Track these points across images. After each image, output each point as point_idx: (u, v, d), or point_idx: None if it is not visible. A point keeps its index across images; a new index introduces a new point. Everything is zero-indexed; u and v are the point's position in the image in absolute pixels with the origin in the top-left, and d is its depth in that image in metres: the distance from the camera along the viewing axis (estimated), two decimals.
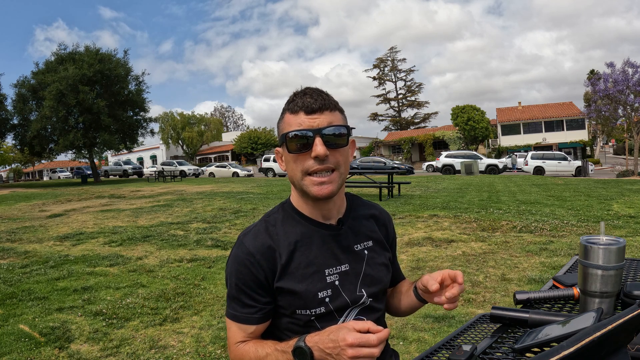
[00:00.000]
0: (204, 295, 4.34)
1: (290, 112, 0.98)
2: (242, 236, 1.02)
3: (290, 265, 0.98)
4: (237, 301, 1.00)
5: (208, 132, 54.95)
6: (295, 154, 0.96)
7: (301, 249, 0.99)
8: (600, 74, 24.03)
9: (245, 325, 0.99)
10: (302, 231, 1.01)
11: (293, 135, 0.95)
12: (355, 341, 0.78)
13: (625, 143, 32.58)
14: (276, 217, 1.05)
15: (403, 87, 62.36)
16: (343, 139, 0.97)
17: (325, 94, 0.99)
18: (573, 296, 1.24)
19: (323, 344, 0.83)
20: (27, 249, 6.93)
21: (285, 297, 0.98)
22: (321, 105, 0.95)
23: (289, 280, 0.97)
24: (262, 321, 1.00)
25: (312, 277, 0.98)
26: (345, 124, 1.00)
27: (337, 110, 0.99)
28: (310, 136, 0.93)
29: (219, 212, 10.43)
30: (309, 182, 0.96)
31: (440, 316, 3.56)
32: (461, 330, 1.18)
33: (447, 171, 26.69)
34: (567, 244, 5.80)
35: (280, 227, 1.02)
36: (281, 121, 1.01)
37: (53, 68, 28.56)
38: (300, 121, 0.95)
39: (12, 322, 3.73)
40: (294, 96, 0.99)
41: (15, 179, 56.07)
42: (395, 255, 1.21)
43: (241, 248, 1.00)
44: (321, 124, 0.94)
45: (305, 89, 1.00)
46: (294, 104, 0.97)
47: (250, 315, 0.99)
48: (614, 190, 12.22)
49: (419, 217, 8.49)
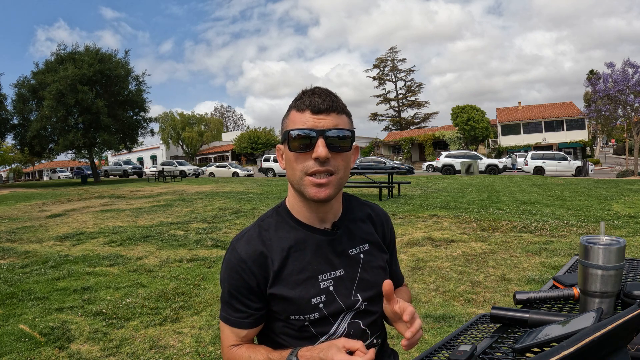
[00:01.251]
0: (204, 295, 4.34)
1: (296, 110, 0.96)
2: (235, 241, 1.02)
3: (283, 272, 0.97)
4: (229, 306, 1.00)
5: (208, 132, 54.96)
6: (297, 153, 0.94)
7: (294, 254, 0.98)
8: (600, 74, 24.03)
9: (237, 329, 0.99)
10: (296, 236, 1.00)
11: (296, 134, 0.93)
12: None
13: (625, 143, 32.59)
14: (270, 221, 1.03)
15: (403, 87, 62.40)
16: (346, 143, 0.95)
17: (334, 96, 0.97)
18: (573, 296, 1.24)
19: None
20: (27, 249, 6.93)
21: (279, 303, 0.97)
22: (329, 106, 0.94)
23: (282, 287, 0.96)
24: (254, 326, 1.00)
25: (305, 283, 0.97)
26: (351, 128, 0.98)
27: (344, 113, 0.97)
28: (313, 136, 0.92)
29: (219, 212, 10.43)
30: (308, 183, 0.94)
31: (440, 316, 3.56)
32: (461, 330, 1.18)
33: (447, 171, 26.69)
34: (567, 244, 5.80)
35: (274, 232, 1.00)
36: (286, 118, 0.99)
37: (53, 68, 28.57)
38: (305, 120, 0.93)
39: (12, 322, 3.73)
40: (303, 94, 0.97)
41: (15, 179, 56.08)
42: (395, 257, 1.19)
43: (233, 254, 0.99)
44: (326, 125, 0.93)
45: (314, 88, 0.98)
46: (301, 101, 0.95)
47: (242, 320, 0.99)
48: (614, 190, 12.22)
49: (419, 217, 8.49)
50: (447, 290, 4.25)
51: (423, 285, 4.46)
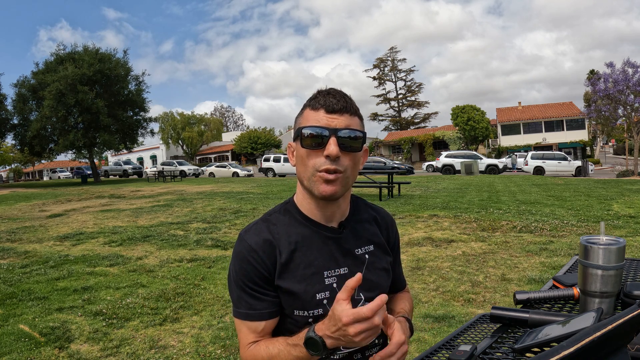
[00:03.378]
0: (204, 295, 4.34)
1: (311, 108, 0.98)
2: (243, 233, 1.02)
3: (290, 265, 0.98)
4: (243, 300, 0.99)
5: (208, 132, 54.97)
6: (309, 150, 0.96)
7: (301, 249, 0.99)
8: (600, 74, 24.03)
9: (255, 323, 0.98)
10: (303, 232, 1.01)
11: (309, 132, 0.95)
12: (349, 320, 0.78)
13: (625, 143, 32.58)
14: (278, 216, 1.05)
15: (403, 87, 62.40)
16: (357, 144, 0.97)
17: (349, 98, 0.99)
18: (573, 296, 1.24)
19: (329, 331, 0.83)
20: (27, 249, 6.93)
21: (284, 297, 0.98)
22: (343, 107, 0.96)
23: (288, 280, 0.97)
24: (273, 316, 0.99)
25: (311, 278, 0.98)
26: (362, 130, 1.00)
27: (356, 115, 0.99)
28: (326, 135, 0.94)
29: (219, 212, 10.43)
30: (318, 179, 0.95)
31: (440, 316, 3.57)
32: (461, 330, 1.18)
33: (447, 171, 26.69)
34: (567, 244, 5.80)
35: (282, 226, 1.02)
36: (300, 116, 1.01)
37: (53, 68, 28.56)
38: (319, 118, 0.95)
39: (12, 322, 3.73)
40: (318, 94, 0.99)
41: (15, 179, 56.08)
42: (398, 261, 1.20)
43: (243, 244, 0.99)
44: (339, 124, 0.95)
45: (329, 89, 1.00)
46: (316, 100, 0.98)
47: (258, 312, 0.98)
48: (614, 190, 12.22)
49: (419, 217, 8.49)
50: (447, 290, 4.25)
51: (423, 285, 4.46)
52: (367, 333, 0.80)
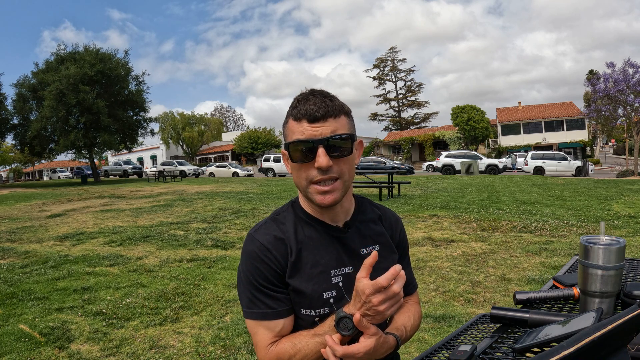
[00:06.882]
0: (204, 295, 4.34)
1: (293, 119, 0.95)
2: (253, 232, 1.02)
3: (299, 264, 0.98)
4: (257, 300, 0.97)
5: (208, 132, 54.97)
6: (299, 164, 0.95)
7: (308, 248, 1.00)
8: (600, 74, 24.02)
9: (273, 322, 0.97)
10: (310, 231, 1.01)
11: (296, 146, 0.93)
12: (371, 291, 0.83)
13: (625, 143, 32.59)
14: (285, 215, 1.05)
15: (403, 87, 62.39)
16: (348, 145, 0.95)
17: (330, 99, 0.96)
18: (573, 296, 1.24)
19: (356, 308, 0.86)
20: (27, 249, 6.93)
21: (292, 296, 0.98)
22: (324, 112, 0.93)
23: (297, 279, 0.97)
24: (290, 313, 0.98)
25: (318, 277, 0.98)
26: (350, 129, 0.97)
27: (342, 114, 0.96)
28: (313, 147, 0.92)
29: (219, 212, 10.43)
30: (313, 191, 0.95)
31: (440, 316, 3.56)
32: (461, 330, 1.18)
33: (447, 171, 26.69)
34: (567, 244, 5.80)
35: (290, 225, 1.02)
36: (285, 126, 0.99)
37: (53, 68, 28.55)
38: (303, 129, 0.93)
39: (12, 322, 3.73)
40: (297, 102, 0.96)
41: (15, 179, 56.08)
42: (407, 260, 1.19)
43: (254, 243, 0.99)
44: (324, 132, 0.92)
45: (309, 92, 0.97)
46: (297, 110, 0.95)
47: (276, 310, 0.97)
48: (614, 190, 12.22)
49: (419, 217, 8.49)
50: (447, 290, 4.25)
51: (423, 285, 4.45)
52: (390, 302, 0.84)
